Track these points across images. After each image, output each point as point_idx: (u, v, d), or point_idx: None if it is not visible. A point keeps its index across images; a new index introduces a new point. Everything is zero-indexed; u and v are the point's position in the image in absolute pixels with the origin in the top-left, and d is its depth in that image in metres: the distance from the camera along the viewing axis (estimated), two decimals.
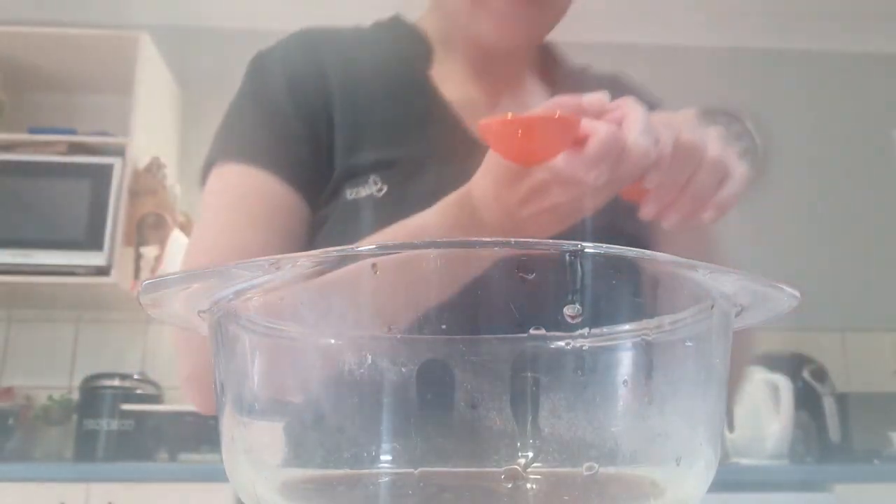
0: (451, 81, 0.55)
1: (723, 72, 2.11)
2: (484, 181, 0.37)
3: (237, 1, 1.98)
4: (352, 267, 0.22)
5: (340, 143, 0.50)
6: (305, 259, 0.21)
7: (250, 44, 2.29)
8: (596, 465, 0.23)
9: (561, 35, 2.29)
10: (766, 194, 2.02)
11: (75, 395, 1.58)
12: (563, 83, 0.60)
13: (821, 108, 2.10)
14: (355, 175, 0.48)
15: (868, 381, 1.85)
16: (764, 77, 2.12)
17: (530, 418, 0.24)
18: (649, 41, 2.11)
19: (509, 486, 0.23)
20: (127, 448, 1.44)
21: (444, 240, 0.30)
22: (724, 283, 0.23)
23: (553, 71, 0.62)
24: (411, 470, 0.24)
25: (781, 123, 2.08)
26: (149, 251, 1.54)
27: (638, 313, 0.23)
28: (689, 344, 0.24)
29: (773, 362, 1.58)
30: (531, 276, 0.24)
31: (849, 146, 2.07)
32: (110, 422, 1.45)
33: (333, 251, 0.21)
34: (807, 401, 1.54)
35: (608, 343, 0.24)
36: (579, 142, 0.32)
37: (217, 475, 1.31)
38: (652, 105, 0.38)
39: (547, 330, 0.25)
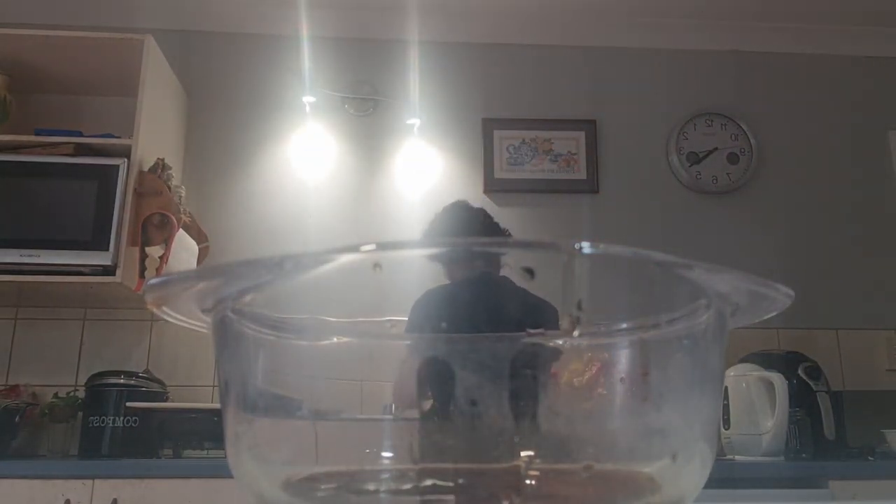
0: None
1: (720, 74, 2.10)
2: None
3: (241, 5, 1.99)
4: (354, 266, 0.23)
5: None
6: (308, 258, 0.22)
7: (253, 47, 2.31)
8: (594, 462, 0.23)
9: (566, 39, 2.31)
10: (762, 195, 2.02)
11: (81, 393, 1.59)
12: None
13: (817, 109, 2.10)
14: None
15: (862, 378, 1.85)
16: (761, 79, 2.12)
17: (529, 416, 0.25)
18: (650, 44, 2.11)
19: (510, 484, 0.24)
20: (132, 445, 1.45)
21: (445, 239, 0.30)
22: (719, 282, 0.23)
23: None
24: (412, 466, 0.24)
25: (778, 125, 2.08)
26: (154, 251, 1.55)
27: (634, 312, 0.24)
28: (685, 342, 0.24)
29: (768, 360, 1.58)
30: (530, 276, 0.24)
31: (845, 147, 2.07)
32: (115, 419, 1.46)
33: (335, 249, 0.22)
34: (802, 398, 1.55)
35: (605, 342, 0.24)
36: None
37: (221, 471, 1.32)
38: None
39: (545, 328, 0.25)
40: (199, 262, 1.77)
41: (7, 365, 1.74)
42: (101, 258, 1.51)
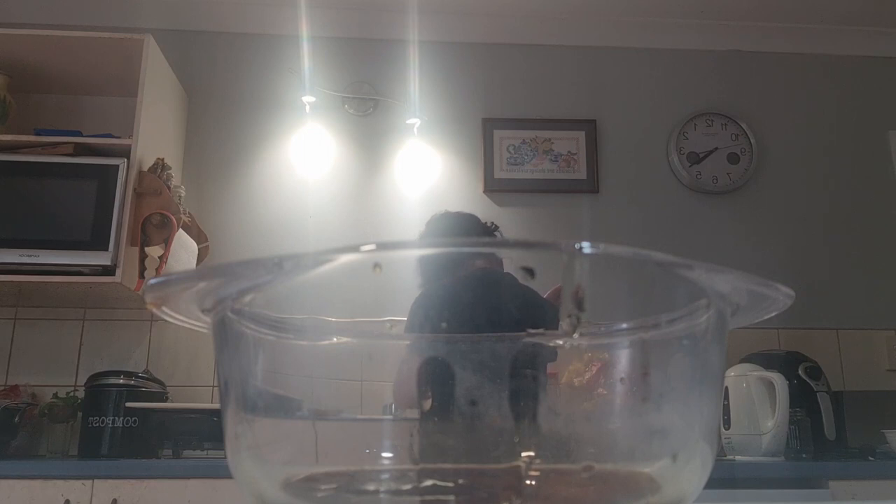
0: None
1: (721, 74, 2.10)
2: None
3: (241, 5, 1.99)
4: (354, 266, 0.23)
5: None
6: (308, 258, 0.22)
7: (254, 47, 2.32)
8: (594, 462, 0.23)
9: (566, 39, 2.31)
10: (762, 195, 2.02)
11: (80, 393, 1.59)
12: None
13: (817, 109, 2.10)
14: None
15: (862, 379, 1.85)
16: (761, 79, 2.12)
17: (529, 416, 0.25)
18: (650, 44, 2.11)
19: (510, 484, 0.24)
20: (131, 445, 1.45)
21: (445, 239, 0.30)
22: (719, 282, 0.23)
23: None
24: (412, 466, 0.24)
25: (778, 125, 2.08)
26: (153, 251, 1.55)
27: (634, 312, 0.24)
28: (684, 342, 0.24)
29: (768, 360, 1.58)
30: (530, 276, 0.24)
31: (845, 147, 2.07)
32: (115, 419, 1.46)
33: (335, 249, 0.22)
34: (802, 398, 1.55)
35: (605, 342, 0.24)
36: None
37: (221, 471, 1.31)
38: None
39: (545, 328, 0.25)
40: (199, 262, 1.77)
41: (7, 365, 1.73)
42: (100, 258, 1.51)
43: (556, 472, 0.24)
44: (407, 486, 0.24)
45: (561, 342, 0.24)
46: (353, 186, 1.94)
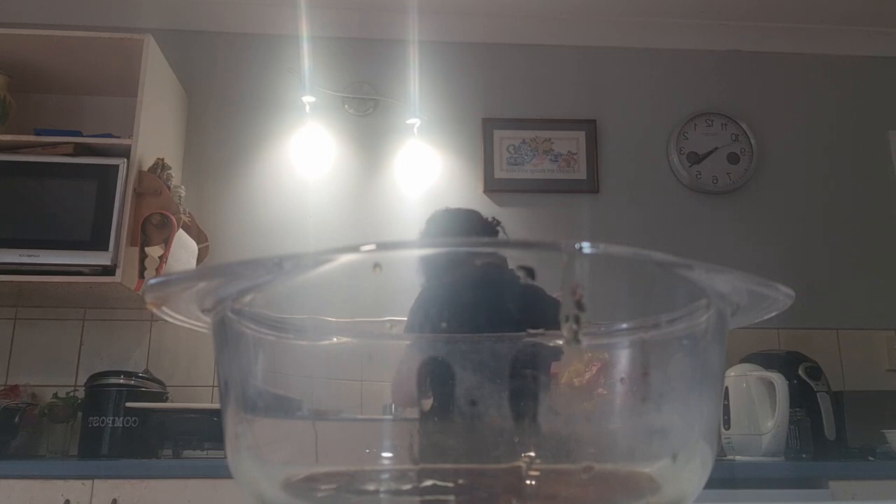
0: None
1: (721, 74, 2.10)
2: None
3: (241, 5, 1.99)
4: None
5: None
6: (308, 258, 0.22)
7: (254, 47, 2.32)
8: (594, 462, 0.23)
9: (566, 39, 2.31)
10: (762, 195, 2.02)
11: (80, 393, 1.59)
12: None
13: (817, 109, 2.10)
14: None
15: (862, 379, 1.85)
16: (761, 79, 2.12)
17: (529, 416, 0.25)
18: (650, 44, 2.11)
19: (510, 484, 0.24)
20: (131, 445, 1.45)
21: (445, 239, 0.30)
22: (720, 282, 0.23)
23: None
24: (412, 466, 0.24)
25: (778, 125, 2.08)
26: (153, 251, 1.55)
27: (634, 312, 0.24)
28: (684, 342, 0.24)
29: (768, 360, 1.58)
30: (530, 276, 0.24)
31: (845, 147, 2.07)
32: (115, 419, 1.46)
33: (335, 249, 0.22)
34: (802, 398, 1.55)
35: (605, 342, 0.24)
36: None
37: (221, 471, 1.31)
38: None
39: (546, 329, 0.25)
40: (198, 262, 1.77)
41: (7, 365, 1.73)
42: (100, 258, 1.51)
43: (556, 472, 0.24)
44: (407, 486, 0.24)
45: (561, 342, 0.24)
46: (353, 186, 1.94)
